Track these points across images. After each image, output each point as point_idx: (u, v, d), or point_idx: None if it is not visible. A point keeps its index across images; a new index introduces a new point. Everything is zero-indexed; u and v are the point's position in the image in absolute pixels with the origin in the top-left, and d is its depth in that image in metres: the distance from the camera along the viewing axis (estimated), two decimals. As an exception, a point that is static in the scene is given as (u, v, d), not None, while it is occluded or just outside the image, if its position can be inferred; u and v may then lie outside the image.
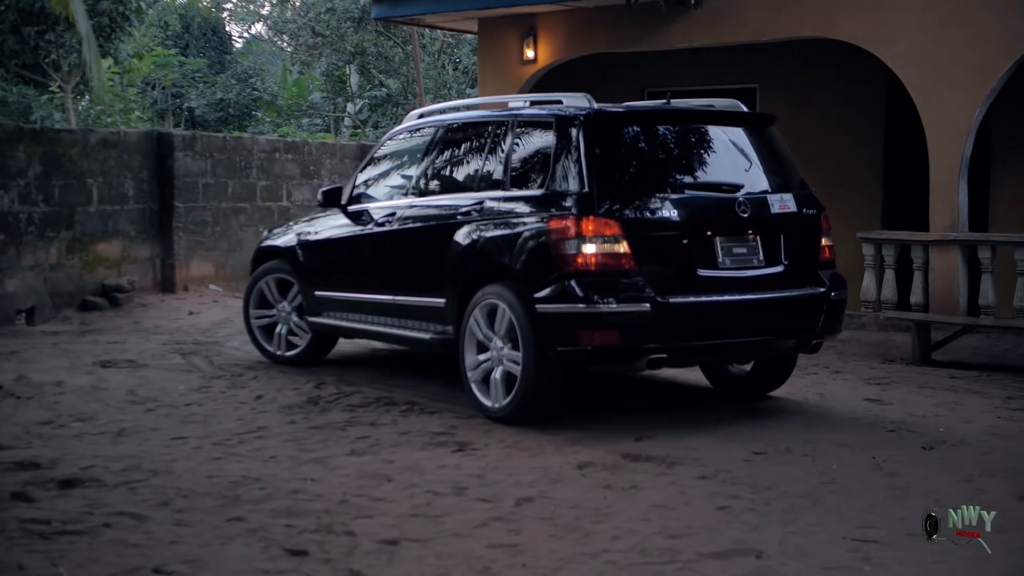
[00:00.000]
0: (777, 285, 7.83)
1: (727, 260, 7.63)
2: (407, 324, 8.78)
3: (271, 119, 29.29)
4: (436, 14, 14.70)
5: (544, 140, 7.89)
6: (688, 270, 7.48)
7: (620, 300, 7.20)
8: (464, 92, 26.31)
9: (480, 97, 9.10)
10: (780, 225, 7.88)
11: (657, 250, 7.46)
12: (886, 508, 5.89)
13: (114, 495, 6.03)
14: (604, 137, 7.65)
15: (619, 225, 7.28)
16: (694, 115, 8.31)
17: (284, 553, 5.17)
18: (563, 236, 7.32)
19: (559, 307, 7.30)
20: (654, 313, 7.21)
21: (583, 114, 7.70)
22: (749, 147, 8.14)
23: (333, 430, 7.64)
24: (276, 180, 16.87)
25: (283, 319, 10.15)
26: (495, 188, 8.11)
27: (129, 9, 22.40)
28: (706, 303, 7.49)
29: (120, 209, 14.51)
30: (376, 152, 9.89)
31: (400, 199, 9.11)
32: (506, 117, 8.37)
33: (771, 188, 8.00)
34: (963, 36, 10.75)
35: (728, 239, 7.66)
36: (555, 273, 7.33)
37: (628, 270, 7.28)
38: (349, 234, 9.53)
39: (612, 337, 7.24)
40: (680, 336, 7.47)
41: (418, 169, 9.09)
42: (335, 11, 26.49)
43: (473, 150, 8.65)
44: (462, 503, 6.00)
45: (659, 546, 5.31)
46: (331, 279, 9.66)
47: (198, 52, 31.54)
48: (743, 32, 12.28)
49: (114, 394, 8.80)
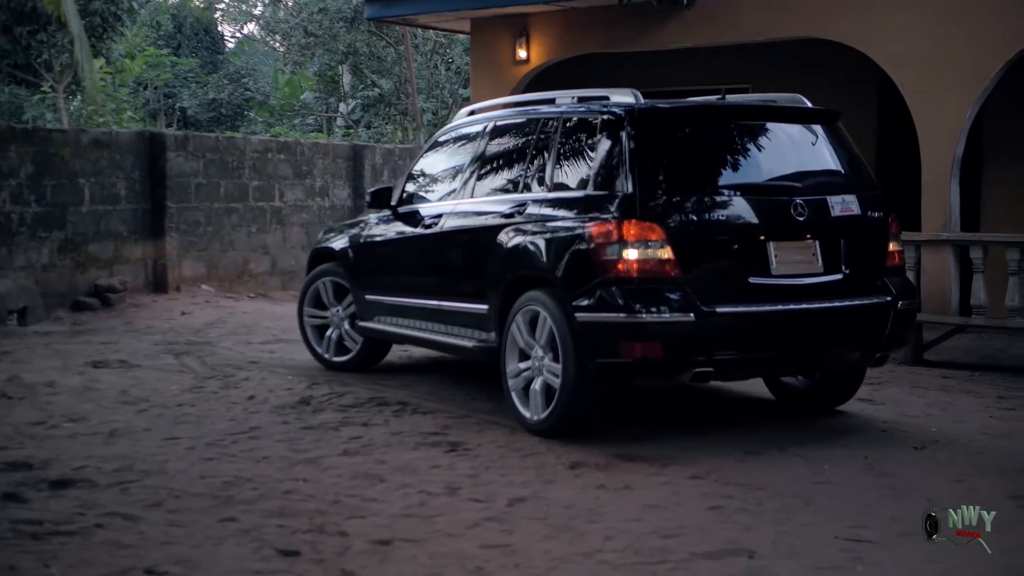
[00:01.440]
0: (837, 293, 7.32)
1: (781, 267, 7.16)
2: (451, 331, 8.48)
3: (263, 119, 29.28)
4: (428, 14, 14.69)
5: (588, 139, 7.56)
6: (738, 277, 7.07)
7: (662, 309, 6.79)
8: (457, 92, 26.31)
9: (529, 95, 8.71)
10: (841, 229, 7.42)
11: (704, 256, 7.08)
12: (879, 508, 5.90)
13: (106, 496, 6.03)
14: (650, 135, 7.24)
15: (663, 229, 6.87)
16: (750, 111, 7.87)
17: (276, 553, 5.17)
18: (604, 241, 6.94)
19: (599, 316, 6.91)
20: (699, 323, 6.78)
21: (627, 111, 7.30)
22: (810, 145, 7.73)
23: (326, 430, 7.64)
24: (269, 180, 16.86)
25: (335, 323, 9.92)
26: (539, 189, 7.80)
27: (121, 9, 22.37)
28: (757, 313, 7.06)
29: (112, 209, 14.49)
30: (425, 151, 9.64)
31: (446, 200, 8.81)
32: (550, 115, 8.04)
33: (832, 189, 7.53)
34: (955, 36, 10.76)
35: (783, 244, 7.19)
36: (595, 280, 6.94)
37: (672, 277, 6.87)
38: (397, 236, 9.26)
39: (654, 349, 6.82)
40: (728, 348, 7.00)
41: (464, 169, 8.74)
42: (327, 11, 26.48)
43: (518, 149, 8.32)
44: (455, 503, 6.00)
45: (652, 546, 5.31)
46: (380, 283, 9.39)
47: (190, 52, 31.51)
48: (735, 32, 12.28)
49: (106, 394, 8.79)
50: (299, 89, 30.20)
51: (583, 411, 7.25)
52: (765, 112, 7.84)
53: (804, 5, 11.79)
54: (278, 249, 17.02)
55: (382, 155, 19.20)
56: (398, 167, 19.27)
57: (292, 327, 12.68)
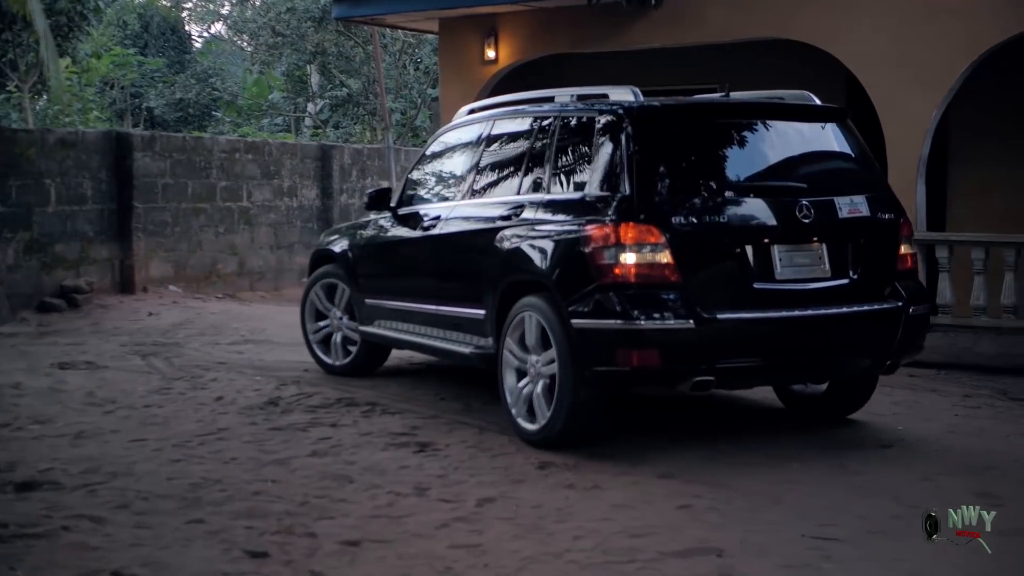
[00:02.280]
0: (845, 299, 7.07)
1: (786, 271, 6.90)
2: (449, 336, 8.25)
3: (231, 119, 29.15)
4: (397, 14, 14.66)
5: (586, 138, 7.29)
6: (741, 282, 6.81)
7: (661, 316, 6.54)
8: (425, 93, 26.27)
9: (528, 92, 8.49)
10: (849, 231, 7.17)
11: (705, 260, 6.84)
12: (846, 506, 5.92)
13: (73, 498, 5.99)
14: (649, 134, 6.98)
15: (662, 232, 6.61)
16: (755, 109, 7.58)
17: (245, 555, 5.15)
18: (600, 244, 6.70)
19: (595, 322, 6.68)
20: (699, 330, 6.54)
21: (626, 110, 7.07)
22: (817, 144, 7.54)
23: (294, 431, 7.61)
24: (236, 180, 16.79)
25: (336, 326, 9.72)
26: (536, 190, 7.56)
27: (87, 8, 22.22)
28: (761, 320, 6.79)
29: (78, 210, 14.40)
30: (425, 151, 9.37)
31: (445, 202, 8.63)
32: (548, 114, 7.81)
33: (840, 189, 7.25)
34: (921, 37, 10.82)
35: (788, 247, 6.94)
36: (591, 285, 6.70)
37: (672, 282, 6.63)
38: (396, 239, 9.07)
39: (651, 357, 6.59)
40: (730, 356, 6.75)
41: (463, 169, 8.57)
42: (295, 11, 26.39)
43: (516, 149, 8.04)
44: (424, 504, 6.00)
45: (621, 545, 5.32)
46: (379, 286, 9.21)
47: (157, 52, 31.35)
48: (703, 32, 12.31)
49: (73, 396, 8.74)
50: (267, 89, 30.08)
51: (582, 422, 7.00)
52: (771, 110, 7.59)
53: (771, 5, 11.83)
54: (246, 249, 16.95)
55: (350, 155, 19.16)
56: (367, 167, 19.24)
57: (260, 327, 12.68)
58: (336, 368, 9.68)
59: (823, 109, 7.71)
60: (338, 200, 18.53)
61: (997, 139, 12.07)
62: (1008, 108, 11.96)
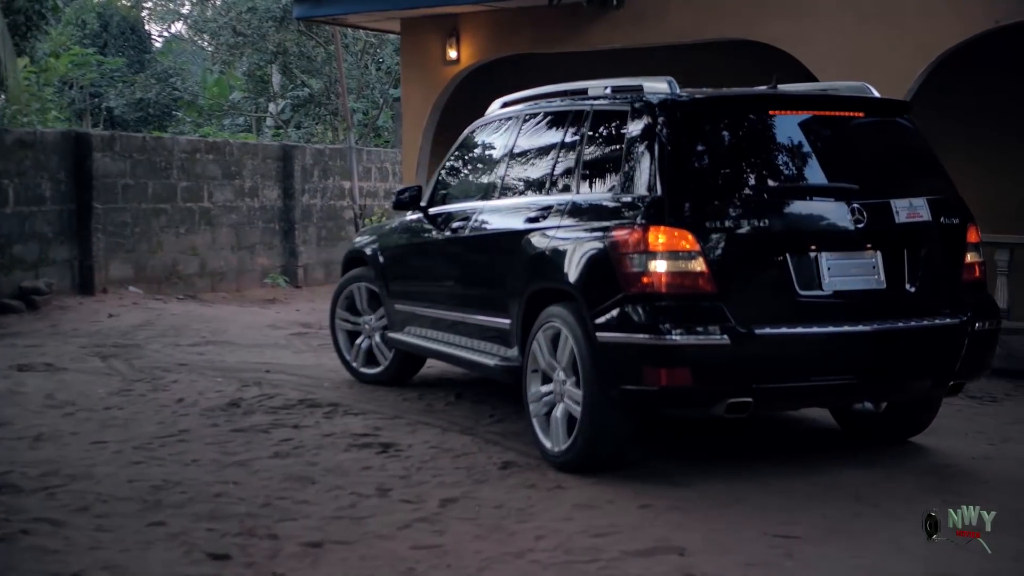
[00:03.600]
0: (902, 312, 6.44)
1: (835, 281, 6.27)
2: (475, 346, 7.78)
3: (192, 119, 28.99)
4: (358, 14, 14.63)
5: (617, 134, 6.74)
6: (784, 293, 6.19)
7: (693, 330, 5.97)
8: (387, 93, 26.22)
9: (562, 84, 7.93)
10: (908, 237, 6.52)
11: (744, 269, 6.22)
12: (809, 505, 5.95)
13: (32, 501, 5.95)
14: (685, 130, 6.43)
15: (696, 237, 6.03)
16: (805, 102, 6.98)
17: (206, 557, 5.13)
18: (627, 250, 6.13)
19: (620, 336, 6.11)
20: (735, 347, 5.96)
21: (660, 102, 6.52)
22: (873, 140, 6.97)
23: (256, 433, 7.59)
24: (197, 181, 16.72)
25: (367, 332, 9.29)
26: (565, 190, 7.03)
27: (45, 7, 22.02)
28: (805, 335, 6.19)
29: (37, 210, 14.30)
30: (457, 147, 8.80)
31: (473, 201, 8.08)
32: (579, 108, 7.25)
33: (898, 191, 6.62)
34: (879, 38, 10.90)
35: (837, 254, 6.32)
36: (618, 295, 6.14)
37: (705, 293, 6.04)
38: (424, 241, 8.58)
39: (682, 376, 6.01)
40: (770, 376, 6.15)
41: (492, 167, 8.08)
42: (256, 10, 26.27)
43: (545, 146, 7.52)
44: (386, 504, 5.99)
45: (583, 545, 5.33)
46: (408, 291, 8.74)
47: (117, 51, 31.12)
48: (665, 33, 12.35)
49: (31, 398, 8.67)
50: (228, 89, 29.93)
51: (606, 444, 6.46)
52: (822, 103, 7.01)
53: (732, 7, 11.89)
54: (207, 250, 16.88)
55: (312, 155, 19.11)
56: (329, 168, 19.19)
57: (222, 329, 12.63)
58: (368, 377, 9.25)
59: (882, 102, 7.16)
60: (300, 200, 18.47)
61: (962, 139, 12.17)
62: (969, 109, 12.07)
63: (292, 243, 18.31)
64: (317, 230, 18.88)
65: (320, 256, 18.90)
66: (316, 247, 18.82)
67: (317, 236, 18.86)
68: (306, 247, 18.57)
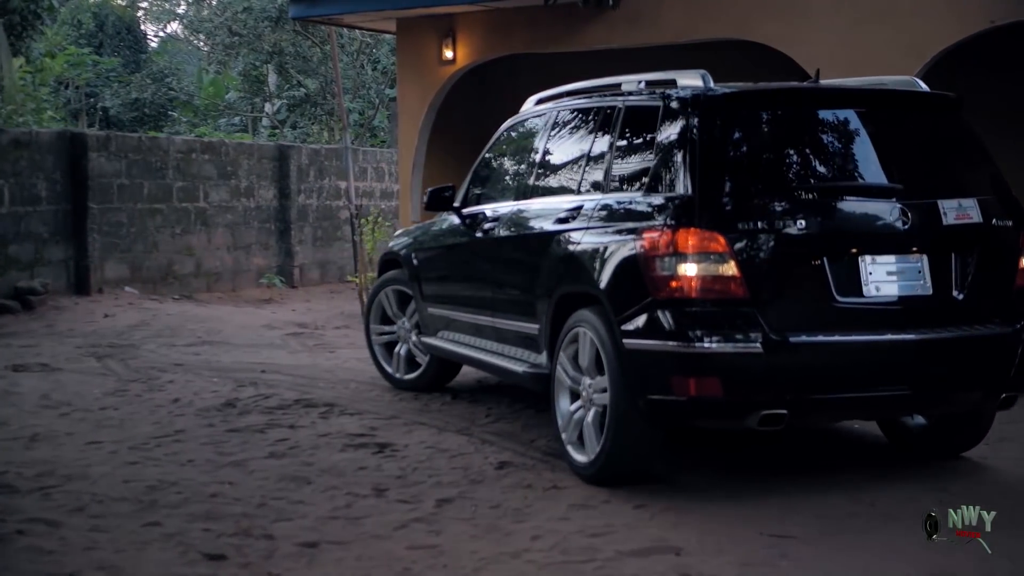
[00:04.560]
0: (949, 320, 6.09)
1: (878, 286, 5.95)
2: (505, 351, 7.53)
3: (187, 119, 28.97)
4: (354, 14, 14.62)
5: (648, 130, 6.44)
6: (821, 299, 5.88)
7: (723, 338, 5.69)
8: (383, 93, 26.20)
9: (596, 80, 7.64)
10: (957, 240, 6.17)
11: (779, 273, 5.90)
12: (805, 505, 5.95)
13: (27, 501, 5.94)
14: (718, 126, 6.12)
15: (728, 240, 5.74)
16: (848, 96, 6.65)
17: (202, 557, 5.13)
18: (655, 253, 5.85)
19: (648, 343, 5.85)
20: (768, 356, 5.68)
21: (692, 97, 6.23)
22: (921, 138, 6.57)
23: (251, 433, 7.58)
24: (193, 181, 16.70)
25: (403, 337, 9.06)
26: (595, 190, 6.76)
27: (41, 7, 22.02)
28: (844, 343, 5.89)
29: (33, 211, 14.28)
30: (491, 145, 8.55)
31: (506, 201, 7.84)
32: (611, 104, 6.98)
33: (947, 191, 6.26)
34: (875, 38, 10.90)
35: (880, 258, 5.99)
36: (645, 300, 5.86)
37: (737, 298, 5.76)
38: (456, 242, 8.35)
39: (711, 386, 5.70)
40: (805, 387, 5.87)
41: (524, 166, 7.86)
42: (252, 10, 26.24)
43: (577, 143, 7.27)
44: (382, 505, 5.99)
45: (579, 545, 5.33)
46: (440, 294, 8.52)
47: (112, 51, 31.09)
48: (660, 34, 12.35)
49: (27, 398, 8.66)
50: (224, 89, 29.91)
51: (633, 457, 6.21)
52: (866, 97, 6.68)
53: (728, 7, 11.89)
54: (203, 250, 16.86)
55: (308, 155, 19.10)
56: (324, 167, 19.19)
57: (217, 329, 12.63)
58: (403, 382, 9.02)
59: (931, 97, 6.75)
60: (296, 200, 18.47)
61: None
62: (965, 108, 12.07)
63: (288, 243, 18.30)
64: (313, 230, 18.88)
65: (316, 256, 18.89)
66: (312, 247, 18.82)
67: (313, 236, 18.86)
68: (302, 247, 18.56)
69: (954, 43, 10.51)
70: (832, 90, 6.74)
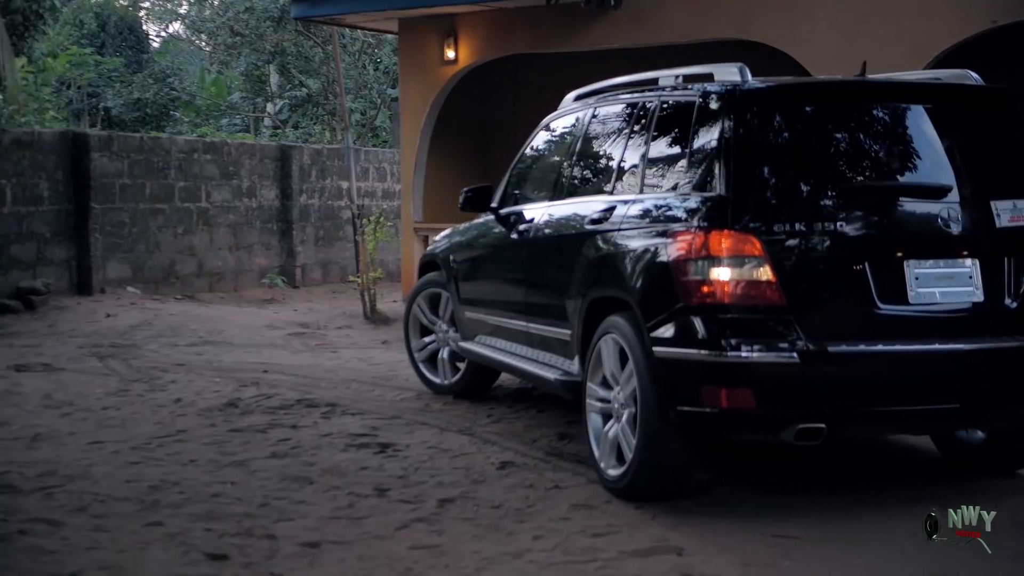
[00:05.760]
0: (1002, 328, 5.71)
1: (923, 292, 5.62)
2: (538, 357, 7.26)
3: (189, 119, 28.97)
4: (356, 14, 14.64)
5: (683, 127, 6.14)
6: (863, 305, 5.55)
7: (757, 347, 5.39)
8: (385, 93, 26.20)
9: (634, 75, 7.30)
10: (1010, 243, 5.80)
11: (817, 277, 5.61)
12: (807, 505, 5.95)
13: (29, 501, 5.94)
14: (754, 122, 5.80)
15: (762, 242, 5.45)
16: (896, 90, 6.33)
17: (204, 557, 5.13)
18: (686, 256, 5.57)
19: (678, 352, 5.57)
20: (805, 366, 5.37)
21: (727, 92, 5.91)
22: (974, 135, 6.15)
23: (253, 433, 7.59)
24: (195, 181, 16.71)
25: (443, 341, 8.79)
26: (629, 189, 6.51)
27: (43, 7, 22.02)
28: (887, 353, 5.56)
29: (35, 211, 14.29)
30: (527, 143, 8.28)
31: (540, 202, 7.59)
32: (646, 100, 6.69)
33: (1000, 191, 5.90)
34: (876, 38, 10.90)
35: (926, 263, 5.67)
36: (675, 305, 5.58)
37: (772, 305, 5.46)
38: (491, 244, 8.13)
39: (744, 398, 5.40)
40: (845, 399, 5.53)
41: (559, 165, 7.60)
42: (254, 10, 26.25)
43: (612, 141, 7.02)
44: (384, 505, 5.99)
45: (581, 545, 5.33)
46: (477, 297, 8.25)
47: (114, 51, 31.08)
48: (662, 34, 12.36)
49: (29, 398, 8.67)
50: (226, 89, 29.91)
51: (663, 471, 5.90)
52: (916, 92, 6.30)
53: (730, 7, 11.90)
54: (205, 250, 16.86)
55: (310, 155, 19.10)
56: (326, 168, 19.19)
57: (219, 329, 12.62)
58: (443, 388, 8.77)
59: (986, 91, 6.35)
60: (298, 200, 18.47)
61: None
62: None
63: (290, 243, 18.30)
64: (315, 230, 18.88)
65: (318, 256, 18.89)
66: (314, 247, 18.82)
67: (315, 236, 18.86)
68: (304, 247, 18.56)
69: (956, 43, 10.51)
70: (878, 83, 6.40)
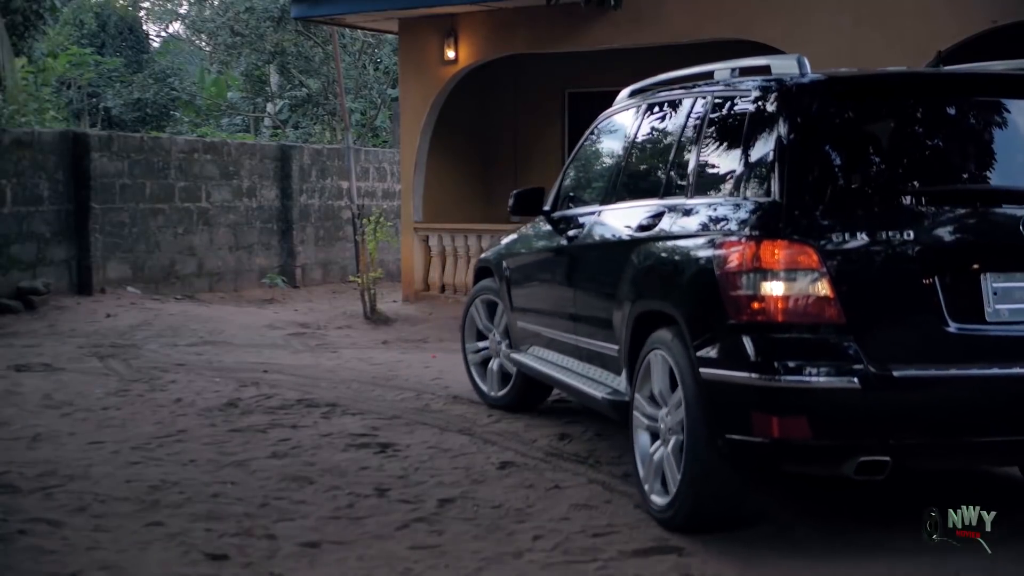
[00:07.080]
0: None
1: (1003, 309, 5.01)
2: (587, 373, 6.77)
3: (190, 119, 28.98)
4: (356, 14, 14.66)
5: (738, 124, 5.62)
6: (932, 324, 4.96)
7: (814, 370, 4.85)
8: (385, 93, 26.22)
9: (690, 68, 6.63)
10: None
11: (881, 293, 5.01)
12: (807, 505, 5.95)
13: (29, 501, 5.94)
14: (812, 119, 5.25)
15: (820, 254, 4.90)
16: (974, 84, 5.68)
17: (204, 557, 5.12)
18: (735, 268, 5.05)
19: (726, 374, 5.04)
20: (867, 392, 4.81)
21: (783, 85, 5.38)
22: None
23: (254, 433, 7.58)
24: (195, 181, 16.72)
25: (495, 350, 8.40)
26: (679, 193, 5.97)
27: (43, 7, 22.02)
28: (960, 378, 4.97)
29: (35, 211, 14.30)
30: (581, 143, 7.75)
31: (591, 205, 7.11)
32: (700, 95, 6.16)
33: None
34: (877, 38, 10.91)
35: (1006, 276, 5.06)
36: (724, 322, 5.07)
37: (830, 323, 4.91)
38: (542, 249, 7.68)
39: (798, 427, 4.85)
40: (912, 429, 4.96)
41: (611, 166, 7.12)
42: (254, 10, 26.25)
43: (664, 140, 6.55)
44: (384, 505, 5.99)
45: (581, 545, 5.33)
46: (529, 306, 7.82)
47: (114, 51, 31.09)
48: (663, 34, 12.37)
49: (29, 398, 8.67)
50: (226, 89, 29.92)
51: (715, 500, 5.37)
52: (999, 85, 5.61)
53: (730, 7, 11.91)
54: (205, 250, 16.88)
55: (310, 155, 19.12)
56: (327, 168, 19.20)
57: (219, 329, 12.63)
58: (493, 399, 8.35)
59: None
60: (298, 200, 18.49)
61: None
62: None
63: (290, 243, 18.32)
64: (315, 230, 18.89)
65: (318, 256, 18.91)
66: (314, 247, 18.83)
67: (315, 236, 18.87)
68: (304, 247, 18.58)
69: (955, 43, 10.51)
70: (953, 76, 5.78)
